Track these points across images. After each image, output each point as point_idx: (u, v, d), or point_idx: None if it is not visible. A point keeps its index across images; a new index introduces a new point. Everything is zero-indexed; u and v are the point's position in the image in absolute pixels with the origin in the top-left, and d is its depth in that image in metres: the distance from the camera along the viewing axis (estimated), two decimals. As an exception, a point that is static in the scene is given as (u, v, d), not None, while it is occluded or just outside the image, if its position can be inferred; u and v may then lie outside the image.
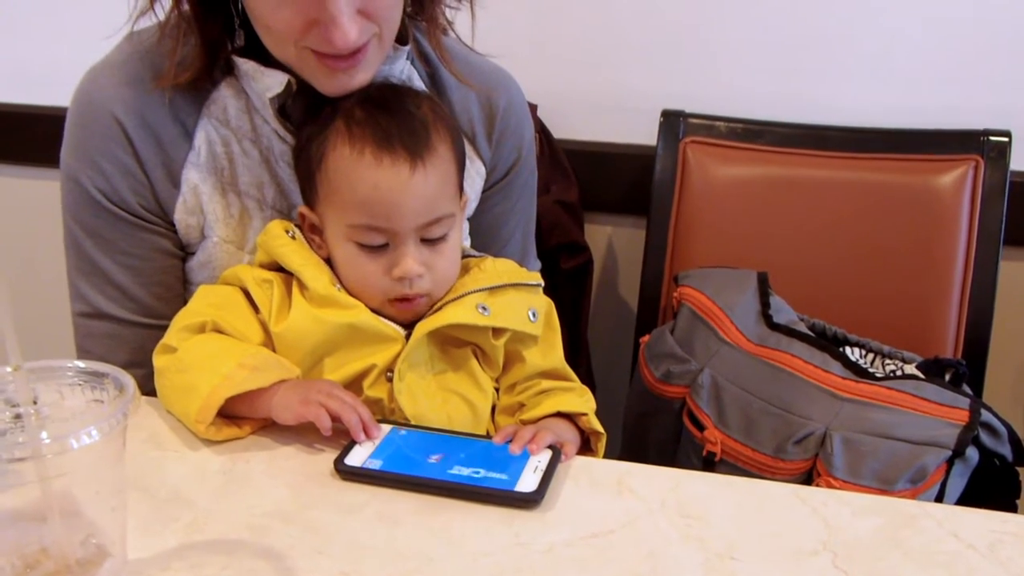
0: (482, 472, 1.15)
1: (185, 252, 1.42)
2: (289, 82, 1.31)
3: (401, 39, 1.38)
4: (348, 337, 1.29)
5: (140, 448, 1.20)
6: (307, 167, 1.32)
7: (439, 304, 1.33)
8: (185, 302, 1.41)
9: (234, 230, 1.39)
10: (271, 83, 1.32)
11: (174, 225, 1.39)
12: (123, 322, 1.39)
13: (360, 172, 1.26)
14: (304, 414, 1.18)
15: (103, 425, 0.84)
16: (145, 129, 1.34)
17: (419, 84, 1.45)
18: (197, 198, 1.37)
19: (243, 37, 1.34)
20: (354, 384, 1.29)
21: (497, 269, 1.38)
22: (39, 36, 2.41)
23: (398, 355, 1.29)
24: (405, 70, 1.42)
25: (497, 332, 1.35)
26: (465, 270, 1.38)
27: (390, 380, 1.29)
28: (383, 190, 1.25)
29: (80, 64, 1.39)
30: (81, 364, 0.93)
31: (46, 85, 2.28)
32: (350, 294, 1.31)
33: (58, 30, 2.38)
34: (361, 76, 1.29)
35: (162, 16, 1.32)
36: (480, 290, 1.33)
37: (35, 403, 0.88)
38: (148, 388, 1.34)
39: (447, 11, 1.42)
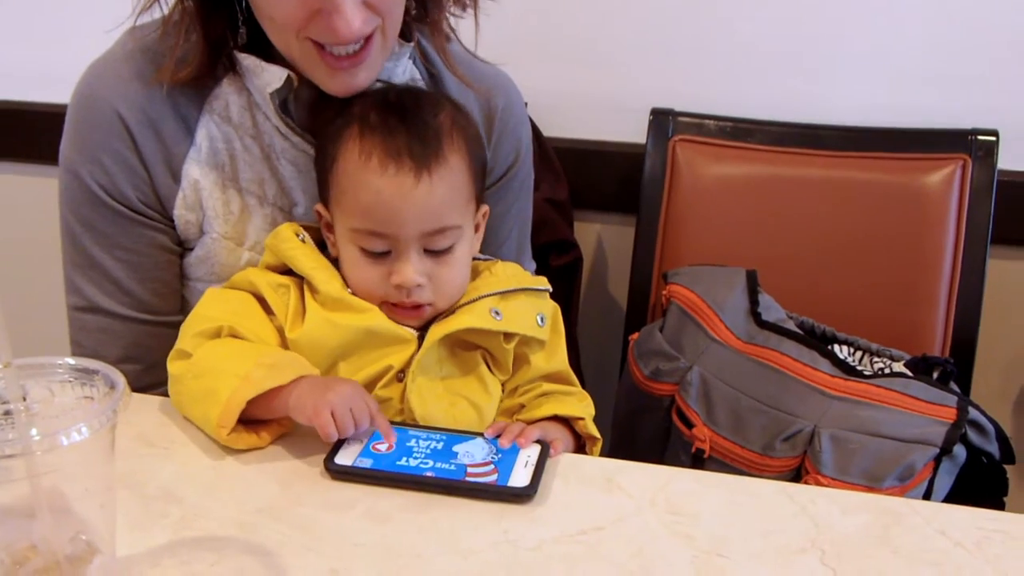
0: (474, 468, 1.15)
1: (183, 248, 1.42)
2: (289, 77, 1.31)
3: (405, 37, 1.37)
4: (364, 341, 1.28)
5: (130, 445, 1.20)
6: (322, 166, 1.33)
7: (452, 307, 1.33)
8: (183, 298, 1.41)
9: (233, 226, 1.39)
10: (271, 78, 1.31)
11: (173, 221, 1.38)
12: (118, 317, 1.39)
13: (365, 177, 1.26)
14: (314, 421, 1.16)
15: (93, 422, 0.84)
16: (147, 124, 1.34)
17: (421, 85, 1.45)
18: (197, 194, 1.37)
19: (246, 35, 1.33)
20: (368, 386, 1.29)
21: (507, 273, 1.39)
22: (35, 35, 2.40)
23: (412, 356, 1.29)
24: (408, 70, 1.42)
25: (508, 336, 1.35)
26: (476, 274, 1.39)
27: (401, 380, 1.29)
28: (385, 197, 1.25)
29: (76, 62, 1.38)
30: (72, 361, 0.92)
31: (42, 83, 2.28)
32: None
33: (55, 29, 2.37)
34: (364, 75, 1.29)
35: (165, 11, 1.32)
36: (492, 294, 1.34)
37: (25, 400, 0.87)
38: (141, 384, 1.34)
39: (451, 19, 1.42)
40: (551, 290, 1.43)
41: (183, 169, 1.37)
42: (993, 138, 1.92)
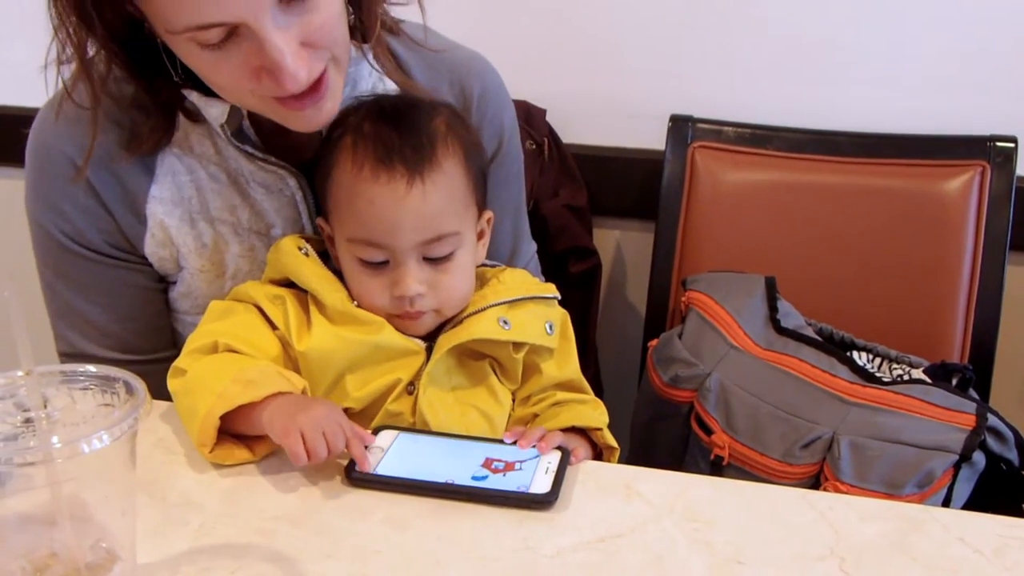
0: (494, 475, 1.15)
1: (166, 282, 1.41)
2: (232, 107, 1.27)
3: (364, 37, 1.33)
4: (372, 355, 1.27)
5: (150, 452, 1.20)
6: (320, 178, 1.31)
7: (460, 317, 1.32)
8: (173, 332, 1.40)
9: (209, 259, 1.37)
10: (216, 113, 1.27)
11: (146, 258, 1.37)
12: (104, 360, 1.37)
13: (358, 187, 1.24)
14: (282, 442, 1.13)
15: (114, 430, 0.84)
16: (102, 167, 1.31)
17: (391, 86, 1.40)
18: (165, 232, 1.35)
19: (183, 75, 1.26)
20: (379, 400, 1.28)
21: (515, 281, 1.37)
22: (34, 37, 2.41)
23: (420, 369, 1.29)
24: (372, 73, 1.38)
25: (517, 345, 1.34)
26: (484, 282, 1.37)
27: (410, 393, 1.28)
28: (378, 206, 1.23)
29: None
30: (93, 368, 0.92)
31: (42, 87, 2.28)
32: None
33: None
34: (330, 105, 1.24)
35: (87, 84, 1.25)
36: (500, 303, 1.32)
37: (46, 407, 0.88)
38: None
39: (394, 10, 1.37)
40: (559, 297, 1.41)
41: (147, 209, 1.34)
42: (1012, 145, 1.92)
